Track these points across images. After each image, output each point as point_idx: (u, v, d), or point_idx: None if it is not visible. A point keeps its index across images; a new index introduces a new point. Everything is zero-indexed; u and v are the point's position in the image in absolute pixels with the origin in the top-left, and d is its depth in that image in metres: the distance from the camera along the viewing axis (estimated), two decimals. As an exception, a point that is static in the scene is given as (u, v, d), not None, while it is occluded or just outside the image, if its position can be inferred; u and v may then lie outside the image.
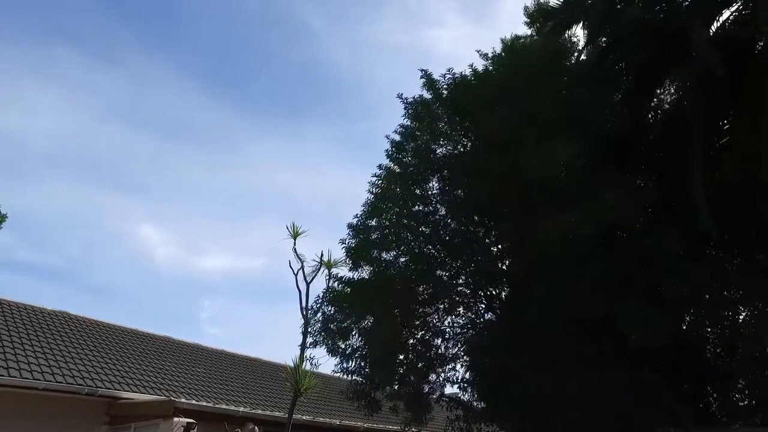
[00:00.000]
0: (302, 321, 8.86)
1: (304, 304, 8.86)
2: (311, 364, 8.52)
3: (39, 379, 10.27)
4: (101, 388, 11.03)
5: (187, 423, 9.92)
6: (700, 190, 6.91)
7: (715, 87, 7.37)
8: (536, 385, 7.01)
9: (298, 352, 8.31)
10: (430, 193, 9.82)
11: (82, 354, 12.71)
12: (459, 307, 9.48)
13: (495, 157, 7.58)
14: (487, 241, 9.50)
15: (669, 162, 8.28)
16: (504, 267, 9.26)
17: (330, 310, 9.60)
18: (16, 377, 10.08)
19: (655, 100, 9.55)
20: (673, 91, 9.45)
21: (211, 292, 55.34)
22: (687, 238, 7.36)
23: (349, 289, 9.40)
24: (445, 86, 9.98)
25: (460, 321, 9.58)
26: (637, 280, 7.48)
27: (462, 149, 9.46)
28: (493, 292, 9.49)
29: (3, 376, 9.92)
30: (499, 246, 9.48)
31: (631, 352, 7.67)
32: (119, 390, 11.34)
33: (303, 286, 8.96)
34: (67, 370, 11.33)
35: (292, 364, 8.31)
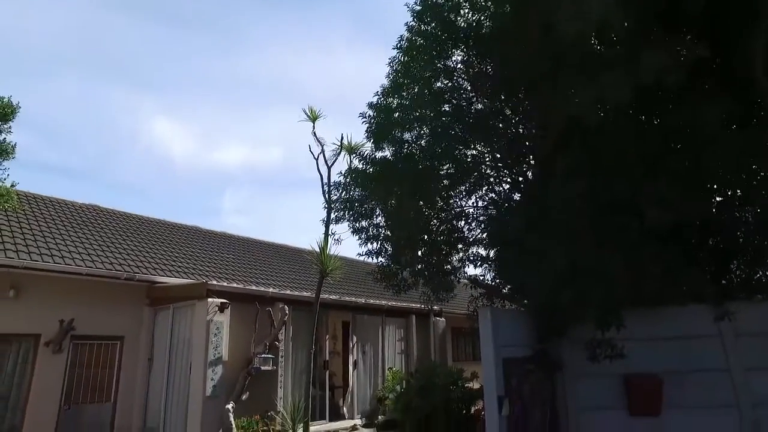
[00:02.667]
0: (324, 205, 8.86)
1: (326, 186, 8.79)
2: (335, 241, 8.61)
3: (81, 266, 10.95)
4: (138, 273, 11.73)
5: (221, 303, 10.61)
6: (758, 52, 6.18)
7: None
8: (558, 263, 6.98)
9: (321, 237, 8.41)
10: (453, 67, 9.11)
11: (117, 243, 13.35)
12: (483, 188, 9.26)
13: (525, 19, 6.78)
14: (514, 119, 8.98)
15: (723, 22, 7.32)
16: (531, 146, 8.83)
17: (352, 189, 9.54)
18: (60, 263, 10.73)
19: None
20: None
21: (231, 183, 56.40)
22: (733, 106, 6.74)
23: (371, 169, 9.23)
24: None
25: (484, 201, 9.42)
26: (672, 154, 7.05)
27: (489, 14, 8.52)
28: (519, 172, 9.19)
29: (48, 263, 10.58)
30: (527, 124, 8.97)
31: (657, 231, 7.48)
32: (155, 275, 12.05)
33: (324, 169, 8.82)
34: (105, 258, 11.99)
35: (317, 249, 8.48)
